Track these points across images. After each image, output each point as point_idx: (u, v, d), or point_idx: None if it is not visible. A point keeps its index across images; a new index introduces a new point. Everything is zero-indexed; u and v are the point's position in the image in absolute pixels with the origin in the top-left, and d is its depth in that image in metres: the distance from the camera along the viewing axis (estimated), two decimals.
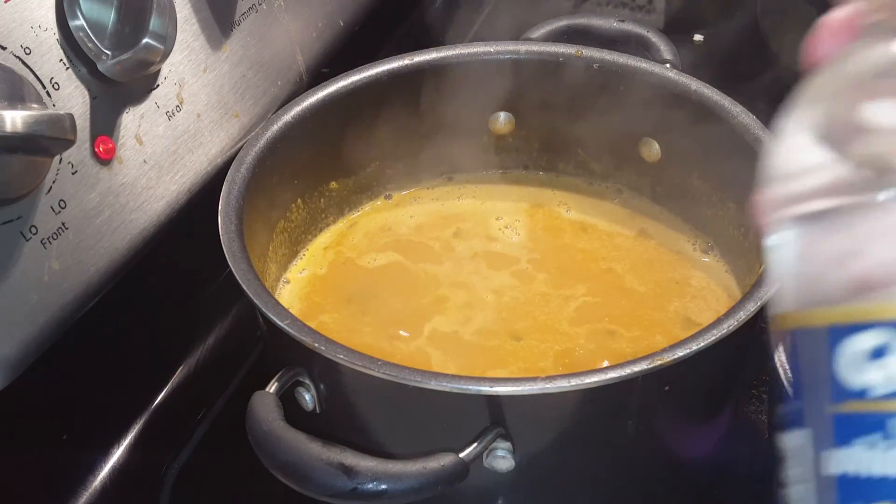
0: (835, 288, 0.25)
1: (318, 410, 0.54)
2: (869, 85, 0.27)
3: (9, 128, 0.44)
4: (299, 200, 0.68)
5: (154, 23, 0.52)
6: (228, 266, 0.54)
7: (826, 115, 0.27)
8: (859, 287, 0.25)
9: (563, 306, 0.64)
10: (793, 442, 0.26)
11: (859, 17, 0.29)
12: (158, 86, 0.58)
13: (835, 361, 0.24)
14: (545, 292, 0.65)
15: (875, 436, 0.24)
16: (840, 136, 0.26)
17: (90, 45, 0.52)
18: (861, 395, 0.24)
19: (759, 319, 0.51)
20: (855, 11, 0.29)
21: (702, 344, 0.49)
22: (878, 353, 0.24)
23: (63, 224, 0.51)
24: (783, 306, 0.27)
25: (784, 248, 0.27)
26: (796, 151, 0.27)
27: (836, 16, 0.30)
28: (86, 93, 0.52)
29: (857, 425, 0.24)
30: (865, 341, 0.24)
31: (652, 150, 0.70)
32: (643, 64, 0.68)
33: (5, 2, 0.49)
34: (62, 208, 0.51)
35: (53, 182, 0.51)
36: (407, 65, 0.69)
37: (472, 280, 0.66)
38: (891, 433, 0.24)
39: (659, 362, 0.48)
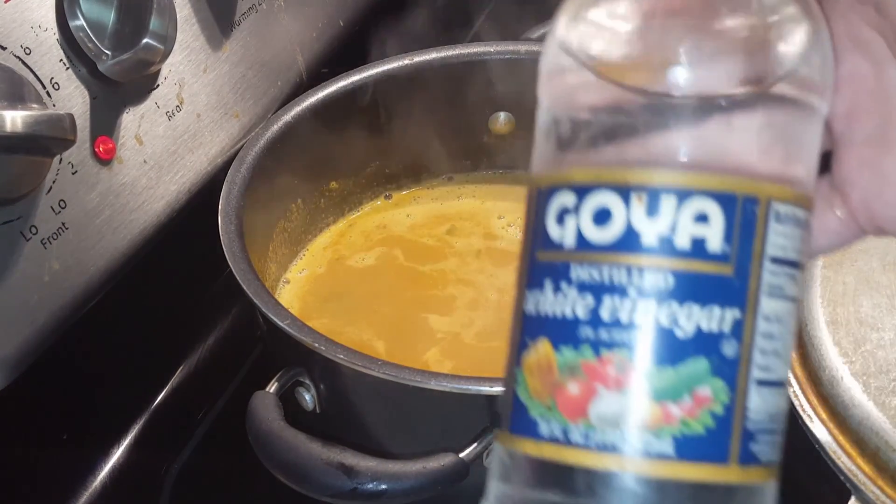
0: (549, 157, 0.29)
1: (318, 410, 0.54)
2: None
3: (9, 128, 0.44)
4: (299, 200, 0.68)
5: (154, 23, 0.52)
6: (228, 266, 0.54)
7: (571, 12, 0.29)
8: (569, 156, 0.28)
9: None
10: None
11: None
12: (158, 86, 0.58)
13: (545, 216, 0.28)
14: None
15: (549, 281, 0.27)
16: (574, 31, 0.28)
17: (90, 45, 0.51)
18: (550, 245, 0.27)
19: None
20: None
21: None
22: (569, 212, 0.27)
23: (63, 224, 0.51)
24: (529, 171, 0.30)
25: (536, 121, 0.30)
26: (549, 43, 0.29)
27: None
28: (86, 93, 0.52)
29: (543, 271, 0.28)
30: (562, 201, 0.27)
31: None
32: None
33: (5, 2, 0.49)
34: (62, 208, 0.51)
35: (53, 182, 0.51)
36: (407, 65, 0.69)
37: (478, 279, 0.66)
38: (559, 279, 0.27)
39: None
